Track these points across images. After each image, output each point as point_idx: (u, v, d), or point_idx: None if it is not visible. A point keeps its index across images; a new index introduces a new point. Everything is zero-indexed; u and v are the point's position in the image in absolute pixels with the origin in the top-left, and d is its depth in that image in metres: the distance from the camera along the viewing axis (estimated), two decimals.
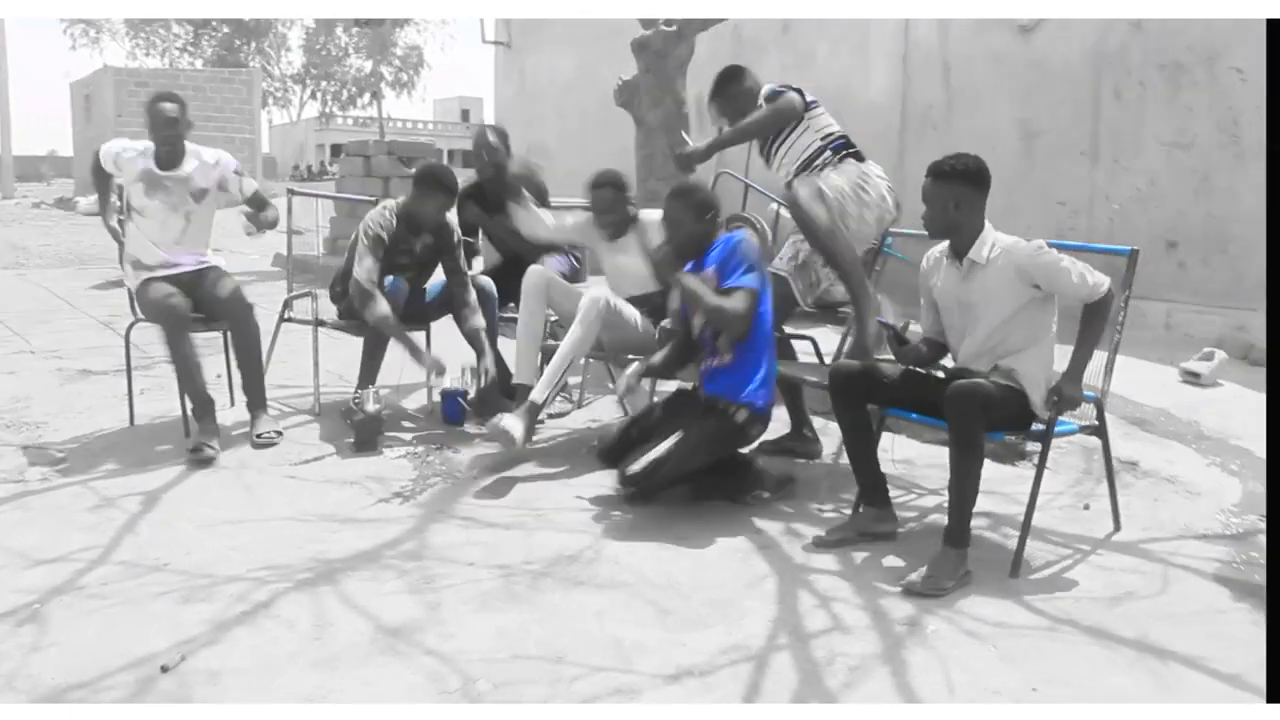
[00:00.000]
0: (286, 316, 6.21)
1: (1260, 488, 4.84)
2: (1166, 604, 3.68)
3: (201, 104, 24.75)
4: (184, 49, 46.50)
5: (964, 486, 3.85)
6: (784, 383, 5.07)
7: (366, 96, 47.84)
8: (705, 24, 8.00)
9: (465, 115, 67.71)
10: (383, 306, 5.43)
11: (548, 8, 13.23)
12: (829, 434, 5.43)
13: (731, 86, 5.43)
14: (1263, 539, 4.28)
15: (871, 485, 4.28)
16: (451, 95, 70.31)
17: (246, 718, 2.90)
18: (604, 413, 6.22)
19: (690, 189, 4.86)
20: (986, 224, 4.19)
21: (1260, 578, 3.89)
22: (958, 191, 4.12)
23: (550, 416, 5.95)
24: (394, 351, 5.69)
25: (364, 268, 5.51)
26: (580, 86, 13.55)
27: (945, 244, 4.31)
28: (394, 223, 5.72)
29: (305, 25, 47.45)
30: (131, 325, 5.69)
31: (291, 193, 6.79)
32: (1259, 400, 6.17)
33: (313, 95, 50.02)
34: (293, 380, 6.54)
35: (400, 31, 45.12)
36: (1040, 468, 4.06)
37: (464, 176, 6.50)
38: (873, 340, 4.67)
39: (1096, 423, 4.32)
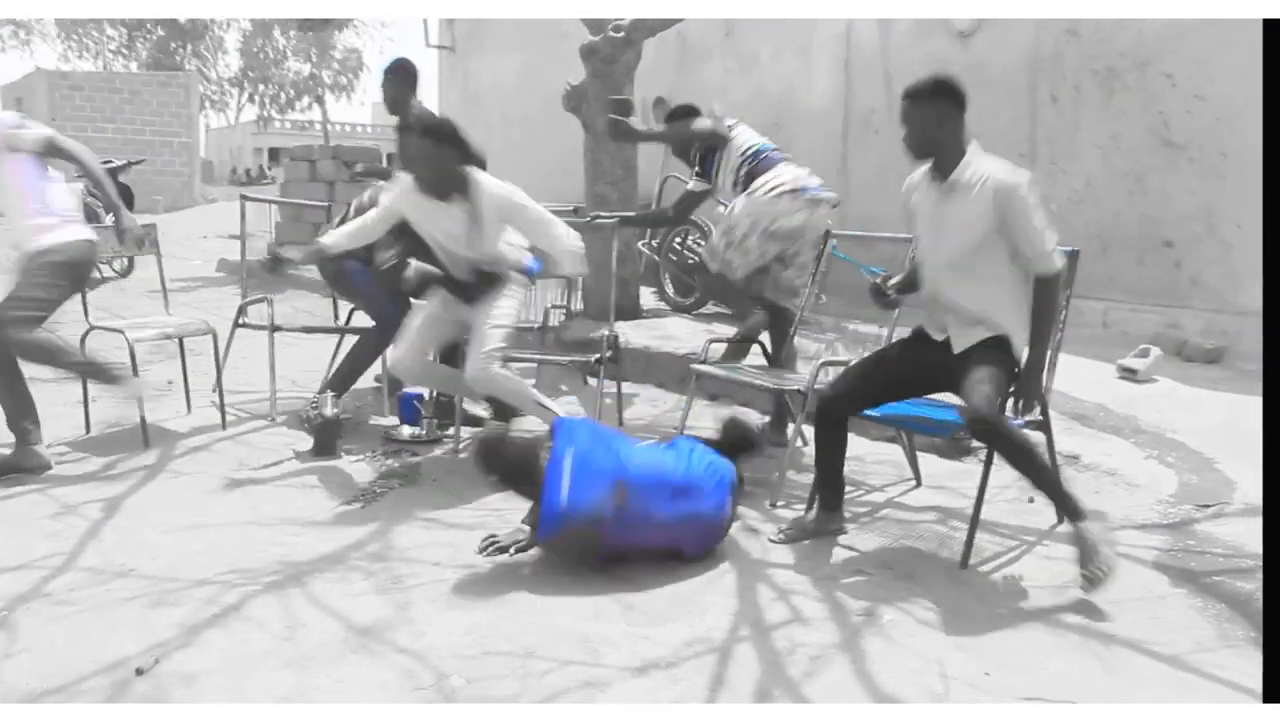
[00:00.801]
0: (241, 322, 6.22)
1: (1195, 479, 5.02)
2: (1109, 591, 3.83)
3: (138, 107, 24.48)
4: (118, 51, 45.87)
5: (1041, 479, 3.97)
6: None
7: (305, 100, 47.43)
8: (653, 30, 8.09)
9: None
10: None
11: (493, 8, 13.25)
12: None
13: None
14: (1199, 528, 4.46)
15: (832, 490, 4.38)
16: None
17: (250, 717, 2.95)
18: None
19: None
20: (971, 144, 4.11)
21: (1196, 564, 4.07)
22: (940, 108, 4.03)
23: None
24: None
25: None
26: (525, 91, 13.61)
27: (927, 166, 4.21)
28: None
29: (242, 28, 46.98)
30: (87, 332, 5.67)
31: (244, 198, 6.80)
32: (1193, 395, 6.38)
33: (250, 98, 49.52)
34: (248, 385, 6.56)
35: (339, 35, 44.82)
36: (988, 463, 4.19)
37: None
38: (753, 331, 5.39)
39: (1041, 418, 4.47)
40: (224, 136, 58.36)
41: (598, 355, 5.68)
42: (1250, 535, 4.33)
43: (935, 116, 4.04)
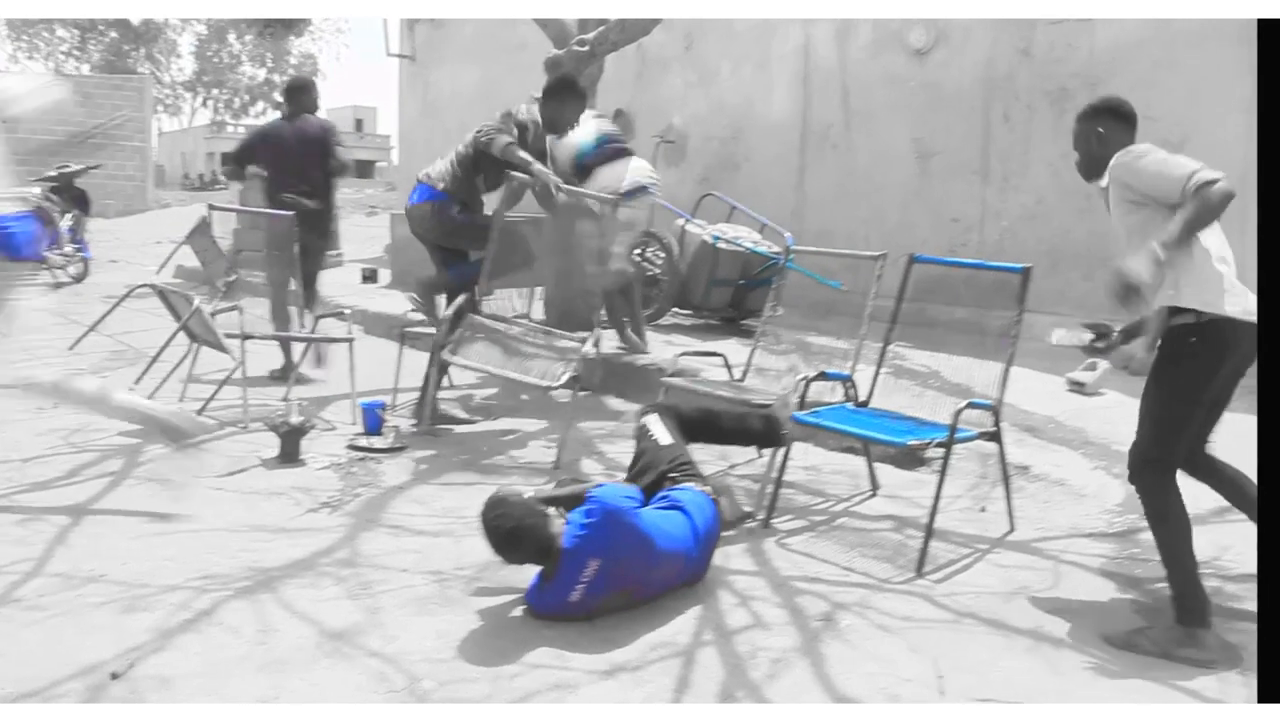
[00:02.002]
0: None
1: None
2: (1058, 596, 3.97)
3: (91, 110, 24.21)
4: (69, 53, 45.46)
5: (1167, 557, 3.63)
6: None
7: (260, 105, 47.22)
8: (616, 45, 8.19)
9: (359, 124, 67.08)
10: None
11: (453, 8, 13.27)
12: (728, 457, 5.69)
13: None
14: (1143, 536, 4.59)
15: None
16: (345, 104, 69.56)
17: (253, 716, 3.02)
18: (519, 423, 6.37)
19: None
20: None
21: (1140, 571, 4.22)
22: (1103, 123, 3.94)
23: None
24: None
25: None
26: (485, 101, 13.63)
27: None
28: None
29: (197, 31, 46.75)
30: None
31: (211, 208, 6.84)
32: (1139, 408, 6.54)
33: (204, 103, 49.29)
34: (207, 394, 6.58)
35: (296, 40, 44.70)
36: (943, 473, 4.33)
37: (354, 185, 6.66)
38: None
39: (994, 429, 4.62)
40: (177, 141, 57.91)
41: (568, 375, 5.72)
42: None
43: (1096, 131, 3.98)
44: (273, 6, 27.80)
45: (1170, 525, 3.66)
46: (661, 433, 4.43)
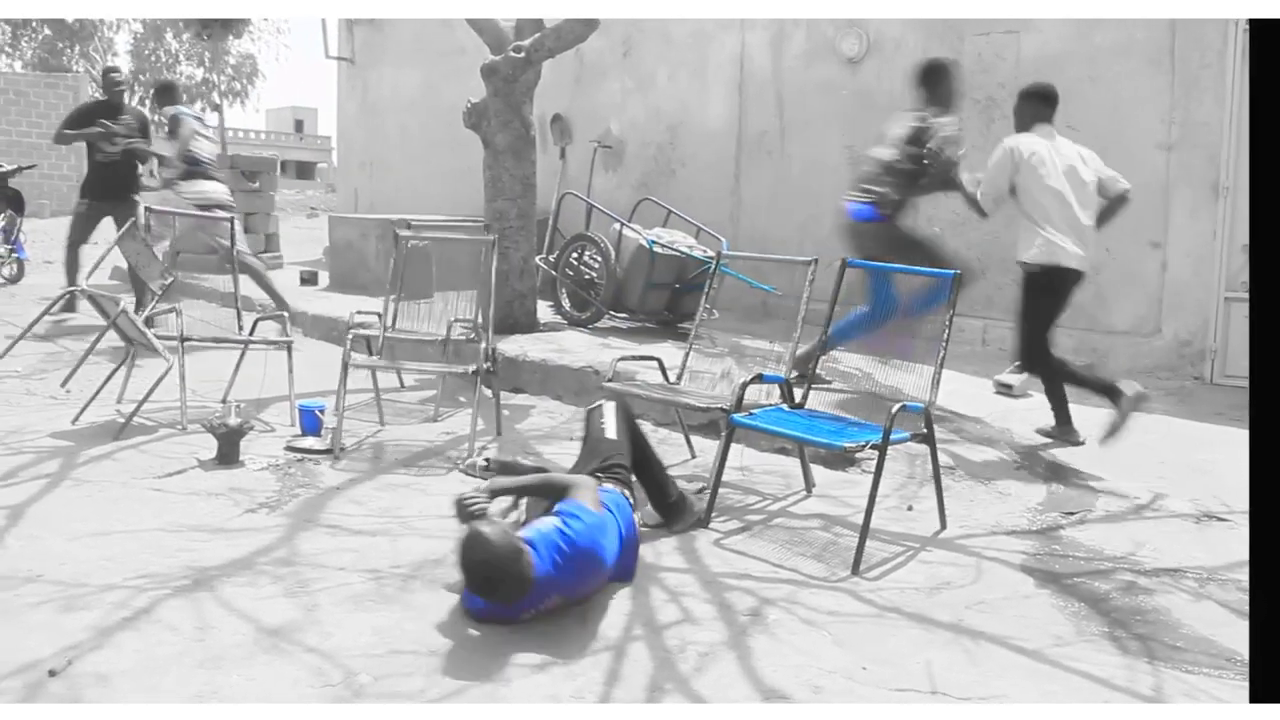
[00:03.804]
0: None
1: (1062, 487, 5.37)
2: (979, 591, 4.11)
3: (24, 108, 23.94)
4: (0, 50, 44.68)
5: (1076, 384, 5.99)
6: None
7: (199, 105, 46.66)
8: (553, 51, 8.28)
9: (299, 125, 66.60)
10: None
11: (391, 8, 13.27)
12: (705, 451, 5.82)
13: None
14: (1064, 533, 4.78)
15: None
16: (285, 105, 69.05)
17: (253, 716, 3.06)
18: (456, 425, 6.43)
19: None
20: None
21: (1059, 567, 4.38)
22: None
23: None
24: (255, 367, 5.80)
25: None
26: (423, 105, 13.69)
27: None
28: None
29: (133, 29, 46.10)
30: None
31: (150, 210, 6.84)
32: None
33: (141, 102, 48.58)
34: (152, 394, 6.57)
35: (235, 40, 44.21)
36: (877, 474, 4.46)
37: (294, 186, 6.79)
38: None
39: (925, 431, 4.76)
40: None
41: (476, 367, 5.85)
42: (1109, 540, 4.68)
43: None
44: (209, 6, 27.54)
45: (1067, 370, 5.99)
46: (611, 424, 4.52)
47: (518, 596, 3.58)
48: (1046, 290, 6.01)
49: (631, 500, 4.24)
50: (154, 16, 43.05)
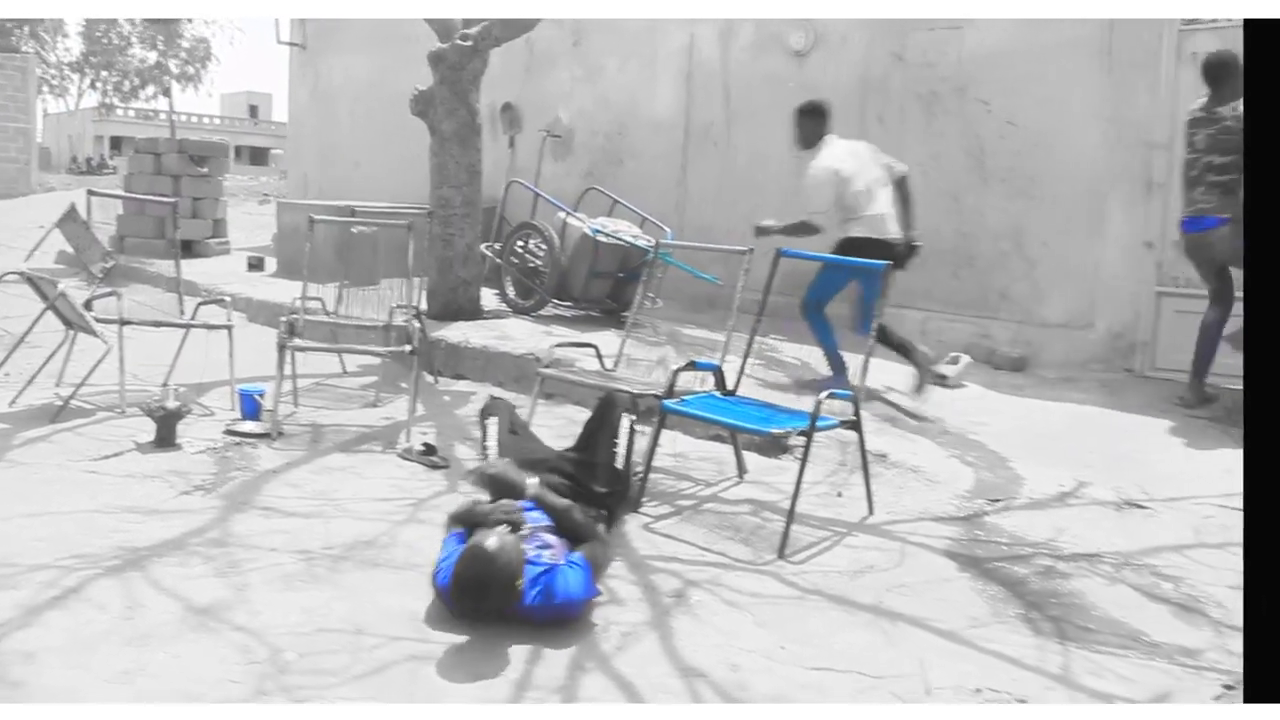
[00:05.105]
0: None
1: (990, 475, 5.47)
2: (901, 575, 4.20)
3: None
4: None
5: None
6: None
7: (151, 89, 46.16)
8: (499, 40, 8.31)
9: (253, 111, 66.00)
10: None
11: (341, 8, 13.24)
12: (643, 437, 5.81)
13: None
14: (988, 519, 4.88)
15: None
16: (239, 90, 68.37)
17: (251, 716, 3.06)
18: (395, 411, 6.46)
19: None
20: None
21: (981, 552, 4.48)
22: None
23: None
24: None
25: None
26: (375, 91, 13.65)
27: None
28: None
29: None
30: None
31: (90, 193, 6.82)
32: (997, 400, 6.88)
33: (92, 85, 48.02)
34: (92, 377, 6.56)
35: (187, 24, 43.79)
36: (804, 460, 4.55)
37: (248, 172, 6.77)
38: None
39: (854, 418, 4.84)
40: (63, 123, 56.39)
41: (413, 347, 5.90)
42: (1032, 526, 4.79)
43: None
44: (158, 6, 27.29)
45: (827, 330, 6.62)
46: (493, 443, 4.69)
47: (488, 615, 3.55)
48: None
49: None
50: (102, 16, 42.58)
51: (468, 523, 3.85)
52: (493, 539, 3.52)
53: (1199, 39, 7.35)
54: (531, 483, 4.03)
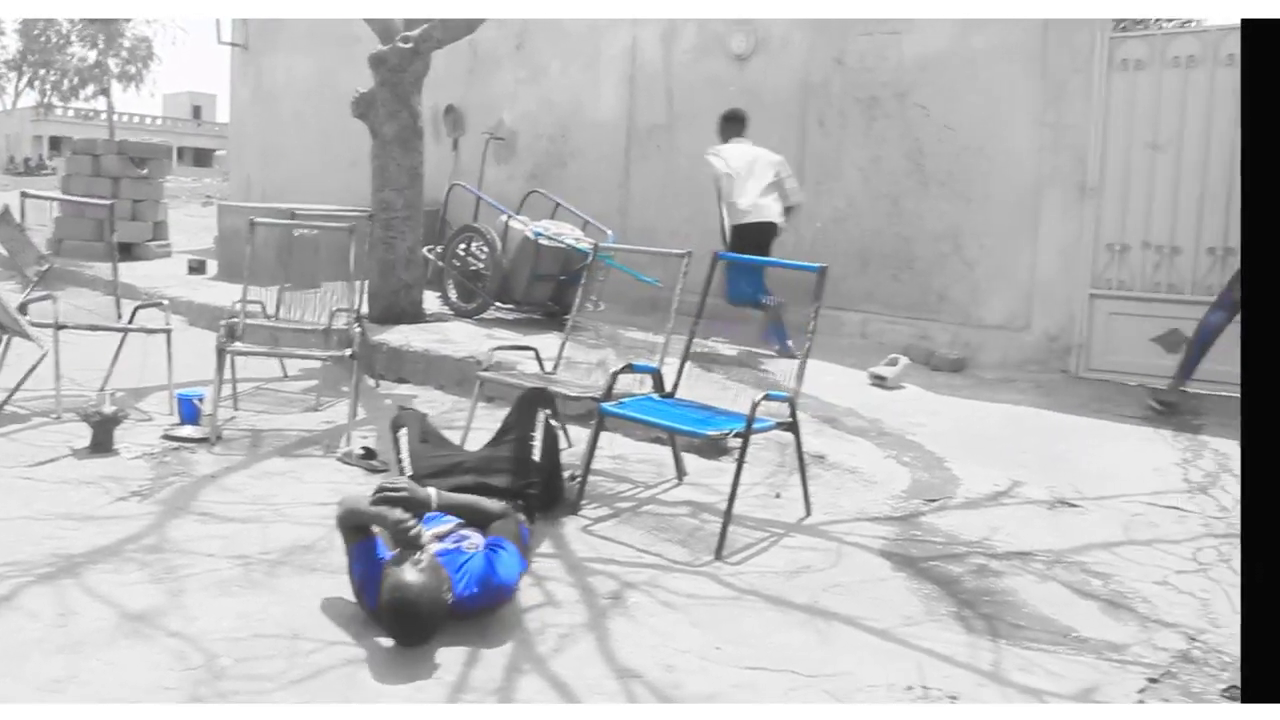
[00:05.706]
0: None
1: (926, 476, 5.54)
2: (837, 575, 4.25)
3: None
4: None
5: None
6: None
7: (91, 88, 45.52)
8: (441, 42, 8.30)
9: (197, 112, 65.27)
10: None
11: (285, 8, 13.16)
12: (582, 440, 5.82)
13: None
14: (924, 519, 4.95)
15: None
16: (182, 90, 67.56)
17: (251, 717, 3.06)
18: (336, 415, 6.44)
19: None
20: None
21: (916, 551, 4.54)
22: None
23: None
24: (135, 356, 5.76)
25: None
26: (318, 92, 13.57)
27: None
28: None
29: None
30: None
31: (25, 195, 6.74)
32: (935, 401, 6.96)
33: (30, 84, 47.24)
34: (27, 382, 6.49)
35: (128, 23, 43.22)
36: (740, 461, 4.59)
37: (191, 174, 6.72)
38: None
39: (790, 420, 4.89)
40: (0, 123, 55.53)
41: (353, 351, 5.89)
42: (966, 525, 4.86)
43: None
44: (97, 6, 26.97)
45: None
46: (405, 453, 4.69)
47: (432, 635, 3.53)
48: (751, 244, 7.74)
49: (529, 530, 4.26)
50: (40, 16, 41.94)
51: (361, 524, 3.77)
52: (407, 573, 3.45)
53: (1130, 46, 7.48)
54: (431, 494, 3.98)
